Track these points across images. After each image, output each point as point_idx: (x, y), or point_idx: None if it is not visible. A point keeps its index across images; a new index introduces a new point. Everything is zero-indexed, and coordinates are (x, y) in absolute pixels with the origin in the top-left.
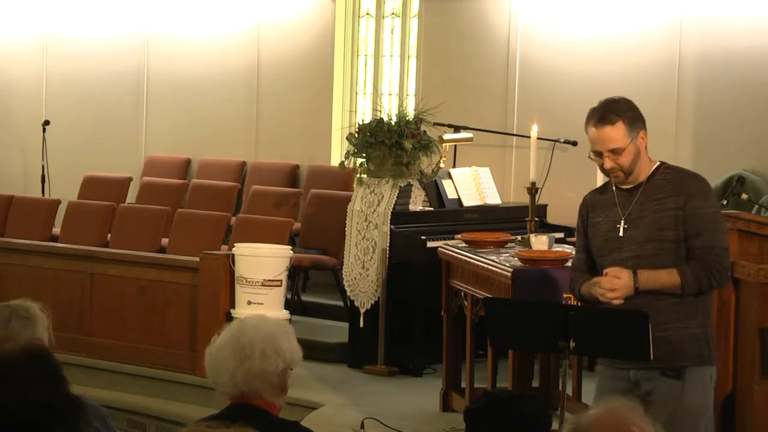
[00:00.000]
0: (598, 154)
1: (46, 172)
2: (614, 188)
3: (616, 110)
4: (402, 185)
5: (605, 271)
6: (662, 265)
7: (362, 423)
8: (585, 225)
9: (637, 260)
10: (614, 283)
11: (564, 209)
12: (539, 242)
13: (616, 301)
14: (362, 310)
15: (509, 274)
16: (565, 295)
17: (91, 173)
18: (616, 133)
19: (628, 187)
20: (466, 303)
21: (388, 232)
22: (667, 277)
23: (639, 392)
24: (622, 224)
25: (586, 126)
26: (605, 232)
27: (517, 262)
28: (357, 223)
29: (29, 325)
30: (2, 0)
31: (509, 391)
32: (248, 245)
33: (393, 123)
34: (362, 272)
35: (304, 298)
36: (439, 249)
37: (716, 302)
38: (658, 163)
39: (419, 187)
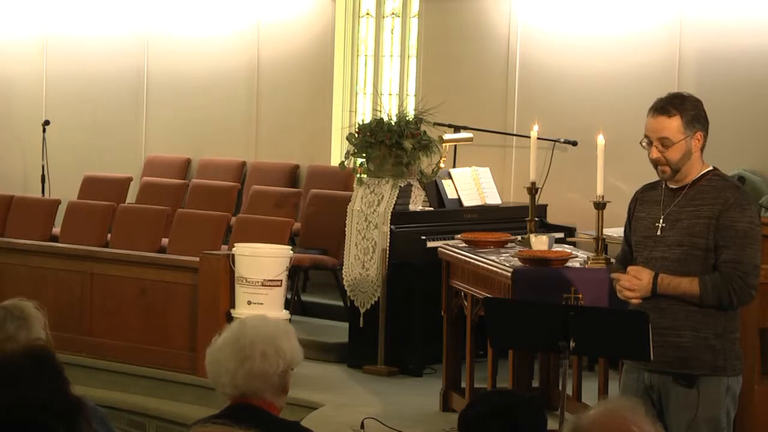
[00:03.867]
0: (649, 143)
1: (46, 172)
2: (664, 186)
3: (678, 104)
4: (402, 185)
5: (628, 269)
6: (688, 271)
7: (362, 423)
8: (630, 218)
9: (665, 262)
10: (633, 283)
11: (564, 209)
12: (539, 242)
13: (633, 301)
14: (362, 310)
15: (509, 274)
16: (565, 295)
17: (91, 173)
18: (670, 125)
19: (675, 186)
20: (466, 303)
21: (388, 232)
22: (687, 285)
23: (654, 396)
24: (661, 223)
25: (647, 114)
26: (645, 229)
27: (517, 262)
28: (357, 223)
29: (25, 325)
30: (2, 0)
31: (504, 395)
32: (248, 245)
33: (393, 123)
34: (362, 272)
35: (304, 298)
36: (439, 249)
37: None
38: (709, 168)
39: (419, 187)
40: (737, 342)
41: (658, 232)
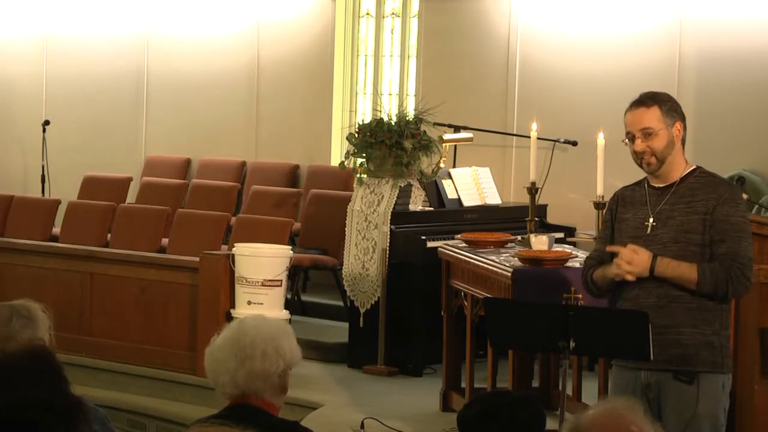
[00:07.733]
0: (631, 139)
1: (46, 172)
2: (647, 186)
3: (653, 97)
4: (402, 185)
5: (627, 246)
6: None
7: (362, 423)
8: (613, 219)
9: None
10: (632, 258)
11: (564, 209)
12: (539, 242)
13: (629, 277)
14: (362, 310)
15: (509, 274)
16: (565, 295)
17: (91, 173)
18: (650, 115)
19: (661, 185)
20: (466, 303)
21: (388, 232)
22: (686, 269)
23: (650, 395)
24: (651, 222)
25: (624, 114)
26: (633, 229)
27: (517, 262)
28: (357, 223)
29: (30, 325)
30: (2, 0)
31: (503, 395)
32: (248, 245)
33: (393, 123)
34: (362, 272)
35: (304, 298)
36: (439, 249)
37: None
38: (694, 167)
39: (419, 187)
40: (729, 339)
41: (648, 231)
